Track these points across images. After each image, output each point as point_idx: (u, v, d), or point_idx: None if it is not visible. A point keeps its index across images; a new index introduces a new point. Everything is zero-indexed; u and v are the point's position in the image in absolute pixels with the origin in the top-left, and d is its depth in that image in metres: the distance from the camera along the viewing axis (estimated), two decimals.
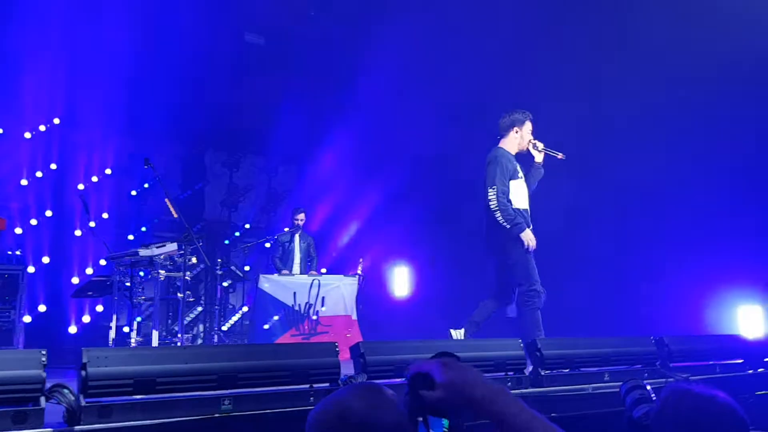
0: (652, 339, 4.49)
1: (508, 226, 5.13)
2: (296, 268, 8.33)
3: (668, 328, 6.51)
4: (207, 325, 8.68)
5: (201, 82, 8.88)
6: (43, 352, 2.50)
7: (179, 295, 6.22)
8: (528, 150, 5.47)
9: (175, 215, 5.86)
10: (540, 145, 5.47)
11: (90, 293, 7.02)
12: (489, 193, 5.21)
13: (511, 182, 5.27)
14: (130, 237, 9.17)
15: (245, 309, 9.33)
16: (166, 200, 5.90)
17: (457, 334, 5.19)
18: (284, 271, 8.20)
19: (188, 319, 8.71)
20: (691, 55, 6.89)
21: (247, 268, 9.50)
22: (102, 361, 2.58)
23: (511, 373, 3.74)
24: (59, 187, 8.85)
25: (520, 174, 5.40)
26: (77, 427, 2.44)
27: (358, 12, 8.92)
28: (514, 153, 5.44)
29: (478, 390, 1.20)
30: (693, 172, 7.19)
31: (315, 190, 10.02)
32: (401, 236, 9.58)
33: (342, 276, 7.72)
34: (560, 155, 5.47)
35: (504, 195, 5.18)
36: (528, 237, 5.16)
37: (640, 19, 7.23)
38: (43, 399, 2.43)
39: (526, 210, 5.34)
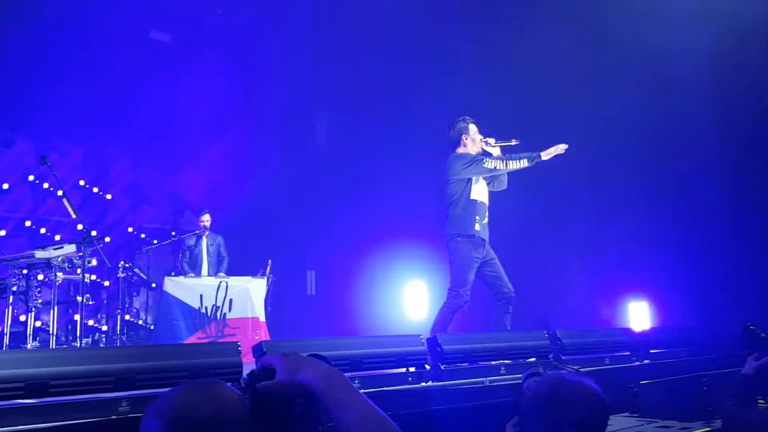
0: (546, 333, 4.75)
1: None
2: (205, 270, 8.20)
3: (567, 325, 6.90)
4: (109, 328, 8.39)
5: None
6: None
7: (78, 298, 6.00)
8: (484, 150, 5.72)
9: (74, 215, 5.66)
10: (492, 141, 5.73)
11: None
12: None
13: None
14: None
15: (145, 314, 9.06)
16: (64, 200, 5.70)
17: None
18: (190, 274, 8.06)
19: (90, 322, 8.38)
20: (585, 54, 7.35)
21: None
22: None
23: (412, 368, 3.87)
24: None
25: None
26: None
27: None
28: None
29: (311, 377, 1.21)
30: (589, 175, 7.63)
31: (222, 189, 9.90)
32: (312, 237, 9.60)
33: (250, 277, 7.66)
34: (514, 142, 5.70)
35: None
36: None
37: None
38: None
39: (483, 203, 5.59)
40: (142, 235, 10.10)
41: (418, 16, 8.16)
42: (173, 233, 9.86)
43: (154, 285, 7.55)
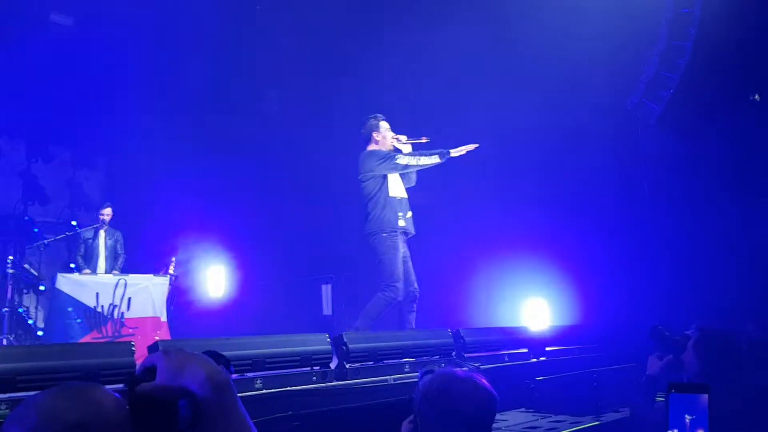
0: (449, 331, 4.84)
1: None
2: (101, 266, 7.83)
3: (468, 322, 7.05)
4: None
5: None
6: None
7: None
8: (395, 147, 5.74)
9: None
10: (403, 138, 5.78)
11: None
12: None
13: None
14: None
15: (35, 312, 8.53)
16: None
17: None
18: (86, 270, 7.67)
19: None
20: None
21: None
22: None
23: (317, 367, 3.84)
24: None
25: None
26: None
27: None
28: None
29: (191, 379, 1.08)
30: (495, 173, 7.85)
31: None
32: (220, 233, 9.34)
33: (151, 275, 7.38)
34: (424, 139, 5.77)
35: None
36: None
37: None
38: None
39: (403, 198, 5.60)
40: (35, 230, 9.51)
41: (329, 19, 8.16)
42: (73, 222, 9.32)
43: (42, 288, 7.12)
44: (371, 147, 5.69)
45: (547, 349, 5.65)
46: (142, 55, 8.67)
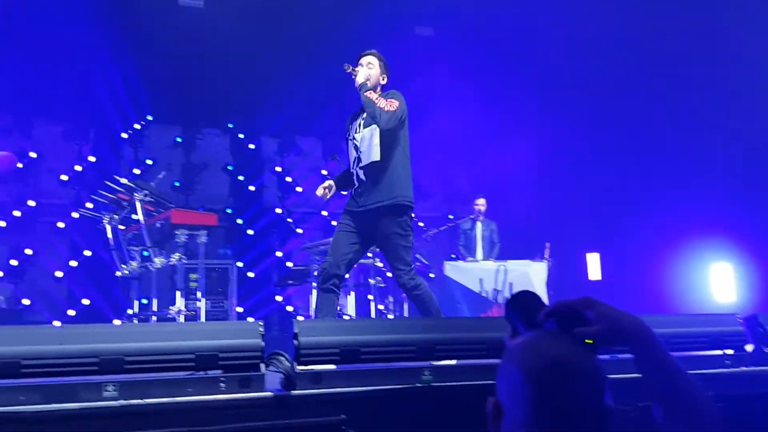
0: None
1: None
2: (479, 255, 8.29)
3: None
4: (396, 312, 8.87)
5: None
6: (261, 323, 2.72)
7: (371, 281, 6.49)
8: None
9: None
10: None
11: (290, 282, 7.55)
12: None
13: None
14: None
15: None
16: None
17: None
18: (469, 258, 8.20)
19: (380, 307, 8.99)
20: None
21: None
22: (311, 331, 2.75)
23: (730, 350, 3.40)
24: None
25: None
26: (293, 392, 2.60)
27: None
28: None
29: (630, 325, 1.25)
30: None
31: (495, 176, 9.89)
32: (588, 217, 9.11)
33: (529, 261, 7.54)
34: None
35: None
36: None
37: None
38: (263, 366, 2.64)
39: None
40: (420, 224, 10.56)
41: None
42: (450, 216, 10.14)
43: (432, 275, 7.83)
44: None
45: None
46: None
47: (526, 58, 8.92)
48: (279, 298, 9.18)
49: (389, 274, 6.20)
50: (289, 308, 9.16)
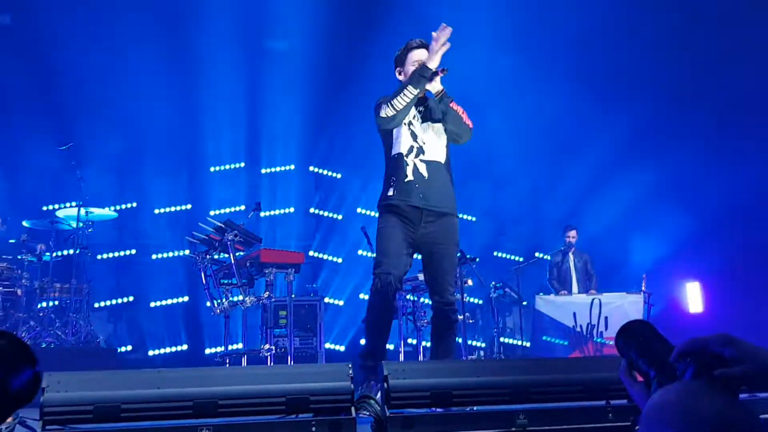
0: None
1: None
2: (574, 287, 8.01)
3: None
4: (486, 347, 8.68)
5: None
6: (350, 366, 2.69)
7: (459, 317, 6.34)
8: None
9: None
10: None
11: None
12: None
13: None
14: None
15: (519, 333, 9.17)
16: None
17: None
18: (562, 292, 7.94)
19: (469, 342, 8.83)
20: None
21: None
22: (401, 374, 2.69)
23: None
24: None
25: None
26: None
27: None
28: None
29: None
30: None
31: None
32: (688, 245, 8.65)
33: (624, 293, 7.22)
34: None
35: None
36: None
37: None
38: (353, 409, 2.60)
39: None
40: (511, 256, 10.33)
41: None
42: (536, 253, 9.87)
43: (525, 303, 7.62)
44: None
45: None
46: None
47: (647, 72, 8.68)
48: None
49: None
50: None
